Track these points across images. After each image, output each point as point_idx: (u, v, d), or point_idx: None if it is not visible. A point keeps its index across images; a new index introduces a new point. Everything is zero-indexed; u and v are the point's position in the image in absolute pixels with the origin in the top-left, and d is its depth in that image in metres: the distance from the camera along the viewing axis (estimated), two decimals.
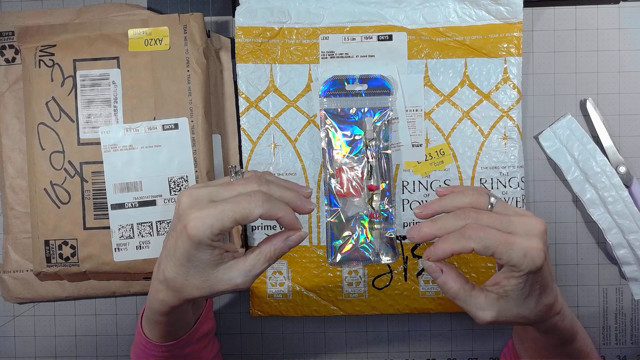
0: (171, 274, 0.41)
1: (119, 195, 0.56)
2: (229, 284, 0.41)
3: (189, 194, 0.40)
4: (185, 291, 0.42)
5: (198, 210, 0.39)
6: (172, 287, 0.42)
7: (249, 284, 0.42)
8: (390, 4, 0.58)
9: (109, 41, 0.56)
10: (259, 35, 0.58)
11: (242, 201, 0.39)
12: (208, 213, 0.39)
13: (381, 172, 0.57)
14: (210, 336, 0.54)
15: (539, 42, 0.61)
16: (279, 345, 0.62)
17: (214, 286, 0.41)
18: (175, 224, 0.41)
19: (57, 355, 0.62)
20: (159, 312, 0.44)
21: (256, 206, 0.39)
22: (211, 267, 0.41)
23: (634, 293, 0.60)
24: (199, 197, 0.40)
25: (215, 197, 0.40)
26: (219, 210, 0.39)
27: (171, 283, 0.42)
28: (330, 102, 0.58)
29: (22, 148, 0.58)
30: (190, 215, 0.39)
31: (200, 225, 0.39)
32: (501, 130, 0.58)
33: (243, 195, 0.40)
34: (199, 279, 0.41)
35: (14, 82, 0.59)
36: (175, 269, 0.41)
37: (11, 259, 0.58)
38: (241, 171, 0.43)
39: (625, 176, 0.59)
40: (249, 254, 0.42)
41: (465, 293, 0.42)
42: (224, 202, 0.39)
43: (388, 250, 0.58)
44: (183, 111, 0.56)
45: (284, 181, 0.44)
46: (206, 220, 0.39)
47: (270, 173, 0.46)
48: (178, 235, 0.40)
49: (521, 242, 0.39)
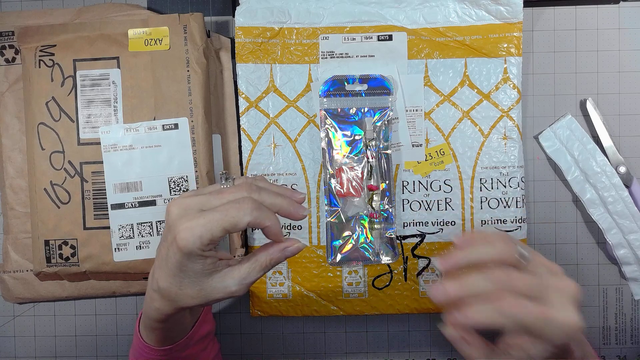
0: (165, 284, 0.41)
1: (119, 195, 0.56)
2: (224, 292, 0.41)
3: (179, 204, 0.40)
4: (180, 300, 0.41)
5: (187, 220, 0.38)
6: (167, 297, 0.41)
7: (244, 291, 0.41)
8: (390, 4, 0.58)
9: (109, 41, 0.56)
10: (259, 35, 0.58)
11: (230, 209, 0.39)
12: (197, 223, 0.38)
13: (381, 172, 0.57)
14: (210, 337, 0.54)
15: (539, 42, 0.61)
16: (279, 345, 0.62)
17: (209, 295, 0.41)
18: (166, 234, 0.40)
19: (57, 355, 0.62)
20: (155, 320, 0.44)
21: (245, 214, 0.38)
22: (205, 276, 0.40)
23: (634, 293, 0.60)
24: (188, 207, 0.40)
25: (204, 206, 0.40)
26: (208, 220, 0.38)
27: (165, 293, 0.41)
28: (330, 102, 0.58)
29: (22, 148, 0.58)
30: (180, 226, 0.38)
31: (189, 237, 0.38)
32: (501, 130, 0.58)
33: (232, 203, 0.39)
34: (193, 288, 0.40)
35: (14, 82, 0.59)
36: (169, 279, 0.40)
37: (11, 259, 0.58)
38: (232, 177, 0.43)
39: (625, 176, 0.59)
40: (244, 261, 0.42)
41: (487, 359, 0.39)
42: (212, 211, 0.39)
43: (388, 250, 0.58)
44: (183, 111, 0.56)
45: (276, 187, 0.43)
46: (195, 230, 0.38)
47: (263, 179, 0.45)
48: (169, 246, 0.39)
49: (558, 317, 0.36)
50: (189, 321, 0.49)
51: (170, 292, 0.41)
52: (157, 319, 0.44)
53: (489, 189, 0.58)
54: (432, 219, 0.59)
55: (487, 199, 0.58)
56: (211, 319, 0.55)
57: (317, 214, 0.59)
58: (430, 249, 0.59)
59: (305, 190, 0.59)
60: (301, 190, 0.59)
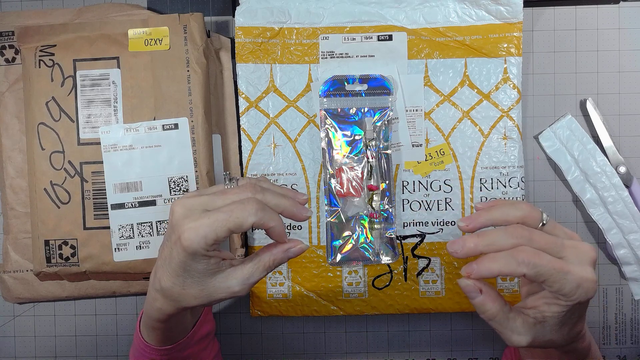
0: (167, 283, 0.41)
1: (119, 195, 0.56)
2: (227, 292, 0.41)
3: (182, 204, 0.40)
4: (183, 300, 0.41)
5: (192, 220, 0.39)
6: (169, 297, 0.41)
7: (247, 291, 0.41)
8: (390, 4, 0.58)
9: (109, 41, 0.56)
10: (259, 35, 0.58)
11: (235, 210, 0.39)
12: (202, 223, 0.38)
13: (381, 172, 0.57)
14: (210, 337, 0.54)
15: (539, 42, 0.61)
16: (279, 345, 0.62)
17: (212, 295, 0.41)
18: (169, 234, 0.40)
19: (57, 355, 0.62)
20: (156, 319, 0.44)
21: (249, 214, 0.38)
22: (208, 276, 0.40)
23: (634, 293, 0.60)
24: (192, 207, 0.40)
25: (208, 206, 0.40)
26: (213, 220, 0.38)
27: (168, 292, 0.41)
28: (330, 102, 0.58)
29: (22, 148, 0.58)
30: (184, 226, 0.38)
31: (194, 237, 0.38)
32: (501, 130, 0.58)
33: (236, 203, 0.39)
34: (196, 288, 0.41)
35: (14, 82, 0.59)
36: (172, 279, 0.40)
37: (11, 259, 0.58)
38: (235, 178, 0.43)
39: (625, 176, 0.59)
40: (247, 261, 0.42)
41: (503, 316, 0.39)
42: (217, 211, 0.39)
43: (388, 250, 0.58)
44: (183, 111, 0.56)
45: (279, 188, 0.43)
46: (200, 231, 0.38)
47: (266, 179, 0.45)
48: (173, 246, 0.39)
49: (576, 271, 0.37)
50: (189, 321, 0.50)
51: (173, 292, 0.41)
52: (158, 318, 0.44)
53: (489, 189, 0.58)
54: (432, 219, 0.59)
55: (487, 199, 0.58)
56: (211, 319, 0.55)
57: (317, 214, 0.59)
58: (430, 249, 0.59)
59: (305, 190, 0.59)
60: (301, 190, 0.59)
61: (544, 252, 0.37)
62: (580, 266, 0.37)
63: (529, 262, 0.36)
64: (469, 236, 0.38)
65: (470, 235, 0.38)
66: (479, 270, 0.37)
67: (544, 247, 0.37)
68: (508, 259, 0.36)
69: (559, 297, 0.38)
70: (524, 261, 0.36)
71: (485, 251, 0.37)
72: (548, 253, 0.37)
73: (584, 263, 0.38)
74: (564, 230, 0.40)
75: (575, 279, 0.37)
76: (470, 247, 0.38)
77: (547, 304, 0.39)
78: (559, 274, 0.36)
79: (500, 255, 0.37)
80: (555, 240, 0.38)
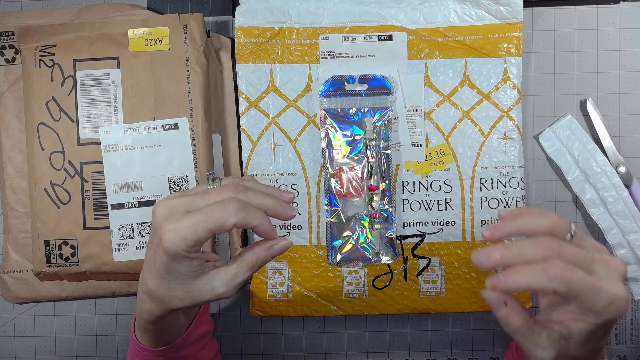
0: (153, 285, 0.41)
1: (119, 195, 0.56)
2: (212, 294, 0.41)
3: (164, 205, 0.39)
4: (169, 302, 0.41)
5: (172, 222, 0.38)
6: (156, 299, 0.41)
7: (232, 293, 0.41)
8: (390, 4, 0.58)
9: (109, 41, 0.56)
10: (259, 35, 0.58)
11: (215, 210, 0.38)
12: (182, 225, 0.38)
13: (381, 172, 0.57)
14: (208, 337, 0.54)
15: (539, 42, 0.61)
16: (279, 345, 0.62)
17: (196, 297, 0.41)
18: (152, 236, 0.40)
19: (57, 355, 0.62)
20: (146, 321, 0.44)
21: (230, 215, 0.38)
22: (192, 278, 0.40)
23: (634, 293, 0.60)
24: (173, 208, 0.39)
25: (190, 207, 0.39)
26: (193, 222, 0.38)
27: (154, 294, 0.41)
28: (330, 102, 0.58)
29: (22, 148, 0.58)
30: (165, 227, 0.38)
31: (174, 238, 0.38)
32: (501, 130, 0.58)
33: (217, 204, 0.39)
34: (181, 290, 0.40)
35: (14, 82, 0.59)
36: (157, 281, 0.40)
37: (11, 259, 0.58)
38: (219, 178, 0.43)
39: (625, 176, 0.59)
40: (230, 262, 0.41)
41: (528, 330, 0.37)
42: (197, 212, 0.38)
43: (388, 250, 0.58)
44: (183, 111, 0.56)
45: (264, 187, 0.43)
46: (180, 232, 0.38)
47: (251, 178, 0.44)
48: (155, 248, 0.39)
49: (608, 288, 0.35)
50: (183, 322, 0.49)
51: (159, 294, 0.41)
52: (148, 320, 0.44)
53: (489, 189, 0.58)
54: (432, 219, 0.59)
55: (487, 199, 0.58)
56: (208, 319, 0.54)
57: (317, 214, 0.59)
58: (430, 249, 0.59)
59: (305, 190, 0.59)
60: (301, 190, 0.59)
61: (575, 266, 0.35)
62: (612, 282, 0.35)
63: (562, 278, 0.34)
64: (494, 247, 0.36)
65: (495, 246, 0.36)
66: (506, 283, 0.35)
67: (575, 261, 0.35)
68: (540, 273, 0.34)
69: (589, 314, 0.36)
70: (556, 276, 0.34)
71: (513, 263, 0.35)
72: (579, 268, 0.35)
73: (615, 279, 0.36)
74: (592, 243, 0.38)
75: (608, 296, 0.35)
76: (497, 258, 0.35)
77: (574, 320, 0.37)
78: (592, 291, 0.34)
79: (531, 269, 0.35)
80: (586, 254, 0.36)
